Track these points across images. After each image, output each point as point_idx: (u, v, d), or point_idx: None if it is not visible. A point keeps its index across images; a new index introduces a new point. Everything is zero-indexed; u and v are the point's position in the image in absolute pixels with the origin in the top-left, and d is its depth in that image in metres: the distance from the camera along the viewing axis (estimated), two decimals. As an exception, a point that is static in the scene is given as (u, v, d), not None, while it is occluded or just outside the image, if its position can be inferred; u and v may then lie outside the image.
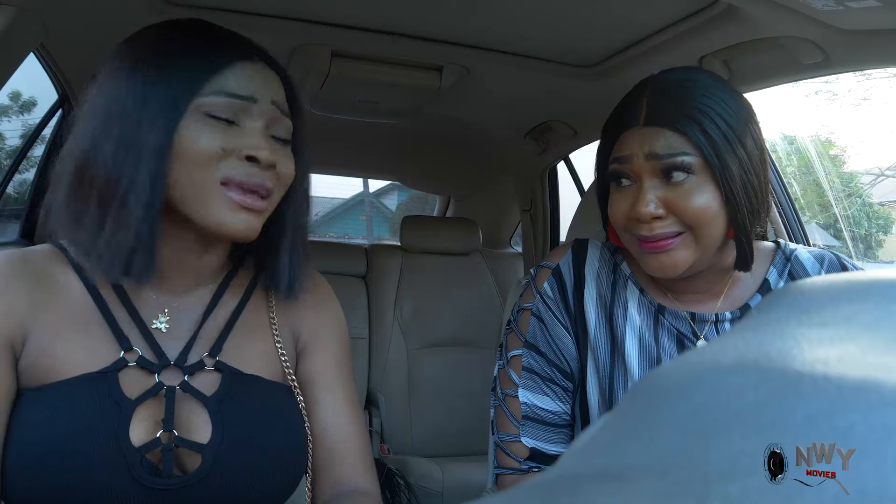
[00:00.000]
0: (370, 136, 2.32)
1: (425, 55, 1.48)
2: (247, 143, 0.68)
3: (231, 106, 0.68)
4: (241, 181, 0.68)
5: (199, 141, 0.66)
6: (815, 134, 4.85)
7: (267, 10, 1.28)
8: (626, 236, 0.83)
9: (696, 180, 0.77)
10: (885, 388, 0.17)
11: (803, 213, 2.00)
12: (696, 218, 0.77)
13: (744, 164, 0.77)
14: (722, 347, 0.21)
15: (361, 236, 7.79)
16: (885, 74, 3.31)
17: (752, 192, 0.78)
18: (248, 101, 0.69)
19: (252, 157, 0.68)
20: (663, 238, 0.78)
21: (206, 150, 0.66)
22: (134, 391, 0.68)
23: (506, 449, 0.89)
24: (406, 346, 2.33)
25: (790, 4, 0.92)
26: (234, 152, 0.68)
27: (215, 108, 0.68)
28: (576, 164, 2.24)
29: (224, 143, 0.67)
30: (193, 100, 0.67)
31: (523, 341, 0.90)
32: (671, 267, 0.79)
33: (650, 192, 0.78)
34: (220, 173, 0.67)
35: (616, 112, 0.85)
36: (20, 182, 2.13)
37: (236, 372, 0.74)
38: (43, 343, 0.68)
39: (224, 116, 0.68)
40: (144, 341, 0.72)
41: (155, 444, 0.67)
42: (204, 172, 0.67)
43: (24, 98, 2.90)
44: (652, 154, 0.77)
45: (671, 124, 0.77)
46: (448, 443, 2.24)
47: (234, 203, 0.68)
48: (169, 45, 0.70)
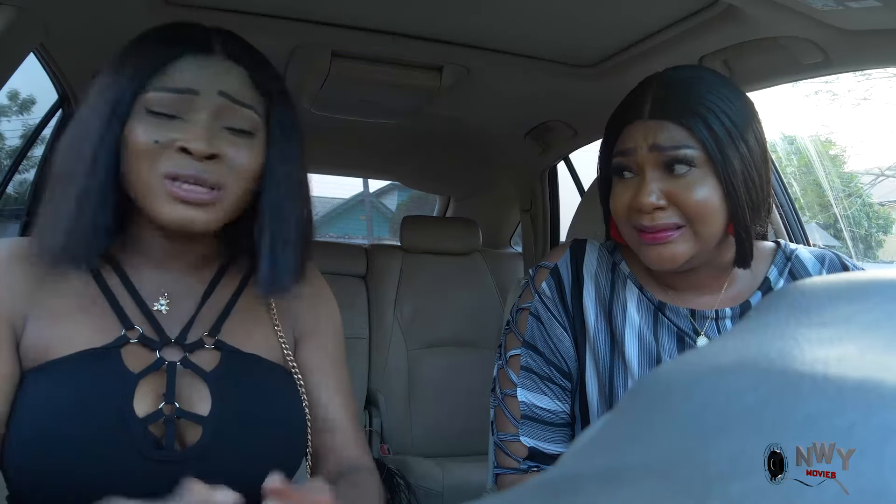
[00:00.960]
0: (370, 136, 2.32)
1: (425, 55, 1.48)
2: (182, 135, 0.69)
3: (171, 100, 0.70)
4: (177, 174, 0.68)
5: (136, 136, 0.68)
6: (815, 134, 4.85)
7: (267, 10, 1.28)
8: (627, 229, 0.83)
9: (698, 173, 0.78)
10: (885, 388, 0.17)
11: (803, 213, 2.00)
12: (697, 211, 0.77)
13: (745, 160, 0.78)
14: (722, 348, 0.21)
15: (361, 236, 7.79)
16: (885, 74, 3.31)
17: (753, 188, 0.79)
18: (189, 94, 0.70)
19: (184, 148, 0.68)
20: (664, 229, 0.78)
21: (143, 145, 0.68)
22: (136, 366, 0.69)
23: (505, 449, 0.89)
24: (406, 346, 2.33)
25: (790, 4, 0.92)
26: (170, 145, 0.69)
27: (155, 104, 0.69)
28: (576, 164, 2.24)
29: (158, 137, 0.68)
30: (137, 98, 0.69)
31: (522, 341, 0.90)
32: (670, 259, 0.79)
33: (653, 182, 0.78)
34: (163, 167, 0.68)
35: (620, 107, 0.86)
36: (20, 182, 2.13)
37: (235, 350, 0.76)
38: (44, 323, 0.70)
39: (163, 111, 0.69)
40: (146, 320, 0.73)
41: (157, 415, 0.68)
42: (146, 167, 0.68)
43: (23, 97, 2.90)
44: (655, 146, 0.78)
45: (675, 118, 0.78)
46: (448, 443, 2.24)
47: (171, 196, 0.68)
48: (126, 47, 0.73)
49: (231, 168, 0.71)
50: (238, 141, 0.72)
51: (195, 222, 0.69)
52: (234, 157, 0.71)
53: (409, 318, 2.35)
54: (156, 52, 0.71)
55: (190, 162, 0.68)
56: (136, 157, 0.68)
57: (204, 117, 0.70)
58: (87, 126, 0.70)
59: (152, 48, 0.72)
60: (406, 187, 4.12)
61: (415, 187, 3.65)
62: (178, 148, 0.68)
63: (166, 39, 0.73)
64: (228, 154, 0.70)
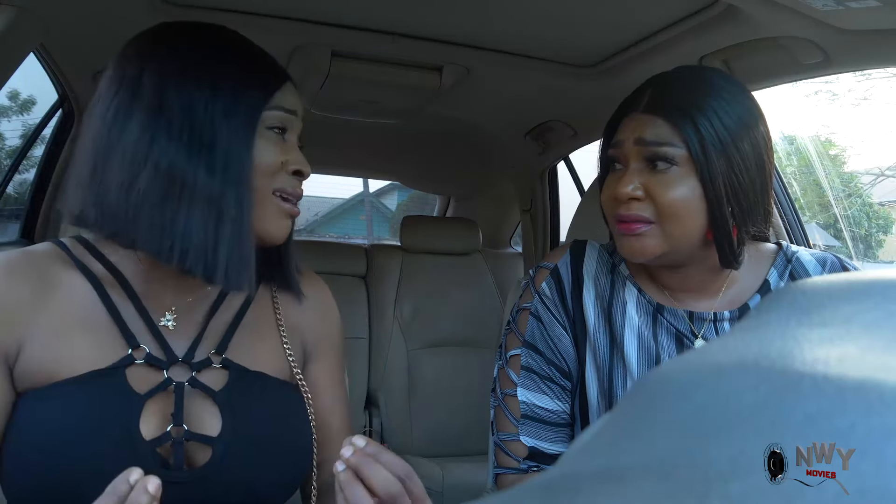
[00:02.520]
0: (370, 136, 2.32)
1: (425, 55, 1.48)
2: (294, 157, 0.74)
3: (283, 120, 0.73)
4: (291, 193, 0.74)
5: (268, 154, 0.71)
6: (815, 134, 4.85)
7: (267, 10, 1.28)
8: (611, 219, 0.85)
9: (679, 172, 0.78)
10: (885, 388, 0.17)
11: (803, 213, 2.00)
12: (669, 209, 0.78)
13: (734, 165, 0.78)
14: (722, 347, 0.21)
15: (361, 236, 7.79)
16: (885, 74, 3.31)
17: (740, 193, 0.78)
18: (294, 115, 0.74)
19: (299, 171, 0.74)
20: (636, 220, 0.79)
21: (272, 164, 0.72)
22: (143, 387, 0.68)
23: (505, 448, 0.89)
24: (406, 346, 2.33)
25: (790, 4, 0.92)
26: (286, 165, 0.73)
27: (273, 122, 0.72)
28: (576, 164, 2.24)
29: (282, 157, 0.73)
30: (261, 115, 0.71)
31: (522, 341, 0.90)
32: (640, 251, 0.80)
33: (633, 174, 0.80)
34: (276, 184, 0.73)
35: (623, 101, 0.88)
36: (20, 182, 2.13)
37: (242, 368, 0.75)
38: (44, 344, 0.67)
39: (279, 131, 0.73)
40: (152, 338, 0.72)
41: (165, 437, 0.67)
42: (265, 183, 0.72)
43: (23, 97, 2.90)
44: (640, 140, 0.80)
45: (665, 114, 0.79)
46: (448, 443, 2.24)
47: (284, 212, 0.74)
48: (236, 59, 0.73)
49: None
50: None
51: (287, 234, 0.76)
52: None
53: (409, 318, 2.35)
54: (271, 72, 0.74)
55: (299, 182, 0.75)
56: (261, 175, 0.71)
57: (295, 139, 0.75)
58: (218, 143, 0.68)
59: (264, 67, 0.74)
60: (406, 187, 4.12)
61: (415, 187, 3.65)
62: (294, 171, 0.74)
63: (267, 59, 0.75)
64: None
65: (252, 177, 0.69)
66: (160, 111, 0.67)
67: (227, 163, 0.68)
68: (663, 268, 0.87)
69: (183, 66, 0.69)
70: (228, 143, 0.68)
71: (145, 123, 0.67)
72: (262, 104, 0.71)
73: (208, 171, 0.67)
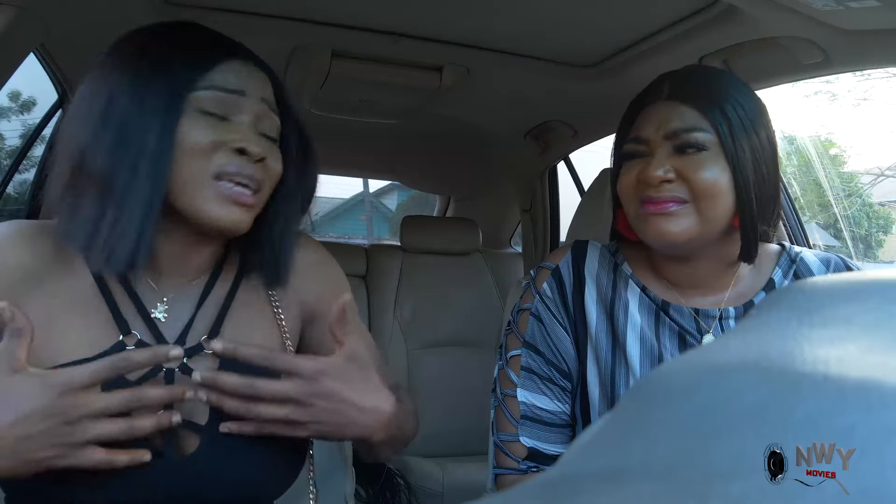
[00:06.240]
0: (370, 136, 2.32)
1: (425, 55, 1.48)
2: (236, 136, 0.70)
3: (222, 100, 0.70)
4: (233, 173, 0.69)
5: (194, 135, 0.68)
6: (814, 134, 4.85)
7: (267, 10, 1.28)
8: (633, 205, 0.83)
9: (708, 155, 0.79)
10: (885, 389, 0.17)
11: (803, 213, 2.00)
12: (704, 188, 0.78)
13: (756, 152, 0.80)
14: (723, 347, 0.21)
15: (361, 236, 7.78)
16: (885, 74, 3.31)
17: (762, 181, 0.80)
18: (238, 95, 0.71)
19: (242, 149, 0.69)
20: (670, 200, 0.79)
21: (200, 144, 0.68)
22: (133, 374, 0.68)
23: (505, 449, 0.89)
24: (406, 346, 2.33)
25: (790, 4, 0.92)
26: (224, 145, 0.69)
27: (207, 104, 0.69)
28: (576, 164, 2.24)
29: (215, 136, 0.69)
30: (188, 96, 0.69)
31: (522, 341, 0.90)
32: (670, 233, 0.79)
33: (662, 159, 0.80)
34: (214, 167, 0.69)
35: (638, 96, 0.88)
36: (20, 182, 2.13)
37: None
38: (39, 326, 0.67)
39: (216, 111, 0.70)
40: (144, 327, 0.72)
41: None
42: (198, 166, 0.68)
43: (23, 97, 2.90)
44: (668, 132, 0.80)
45: (691, 101, 0.80)
46: (448, 443, 2.23)
47: (226, 197, 0.69)
48: (162, 44, 0.72)
49: (267, 172, 0.73)
50: (269, 146, 0.74)
51: (241, 223, 0.71)
52: (271, 162, 0.73)
53: (408, 318, 2.35)
54: (201, 52, 0.71)
55: (245, 163, 0.70)
56: (189, 157, 0.68)
57: (249, 120, 0.72)
58: (127, 123, 0.67)
59: (198, 47, 0.72)
60: (406, 187, 4.12)
61: (415, 187, 3.65)
62: (236, 149, 0.69)
63: (204, 41, 0.73)
64: (269, 158, 0.72)
65: (171, 158, 0.67)
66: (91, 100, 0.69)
67: (139, 144, 0.66)
68: (672, 262, 0.86)
69: (121, 55, 0.71)
70: (141, 122, 0.67)
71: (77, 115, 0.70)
72: (189, 83, 0.69)
73: (110, 153, 0.66)
